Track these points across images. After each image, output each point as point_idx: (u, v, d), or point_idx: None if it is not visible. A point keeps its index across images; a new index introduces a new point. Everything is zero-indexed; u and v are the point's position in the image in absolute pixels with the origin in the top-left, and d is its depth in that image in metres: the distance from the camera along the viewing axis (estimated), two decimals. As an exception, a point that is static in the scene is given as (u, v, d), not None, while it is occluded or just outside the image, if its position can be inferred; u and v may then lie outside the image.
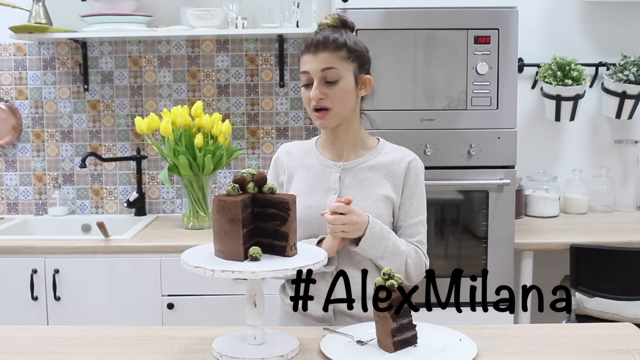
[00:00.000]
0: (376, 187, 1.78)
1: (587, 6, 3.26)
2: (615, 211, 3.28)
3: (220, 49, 3.23)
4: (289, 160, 1.87)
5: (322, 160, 1.83)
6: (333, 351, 1.46)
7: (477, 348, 1.48)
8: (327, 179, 1.80)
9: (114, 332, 1.66)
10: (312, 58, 1.71)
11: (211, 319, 2.65)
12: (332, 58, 1.71)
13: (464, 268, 2.75)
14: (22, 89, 3.26)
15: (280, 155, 1.90)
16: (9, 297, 2.69)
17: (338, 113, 1.75)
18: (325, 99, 1.72)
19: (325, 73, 1.71)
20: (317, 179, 1.81)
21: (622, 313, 2.66)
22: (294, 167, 1.85)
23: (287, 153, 1.89)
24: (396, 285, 1.47)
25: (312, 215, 1.76)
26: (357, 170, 1.80)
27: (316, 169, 1.83)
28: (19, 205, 3.32)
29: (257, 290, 1.50)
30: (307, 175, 1.83)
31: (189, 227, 2.96)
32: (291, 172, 1.85)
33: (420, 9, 2.64)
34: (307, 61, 1.73)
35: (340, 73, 1.72)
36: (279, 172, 1.88)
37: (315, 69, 1.71)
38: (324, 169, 1.82)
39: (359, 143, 1.83)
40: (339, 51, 1.72)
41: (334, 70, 1.71)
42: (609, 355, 1.49)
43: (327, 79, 1.71)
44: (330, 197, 1.77)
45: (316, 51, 1.71)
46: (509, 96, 2.67)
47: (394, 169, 1.80)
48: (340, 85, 1.73)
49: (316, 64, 1.71)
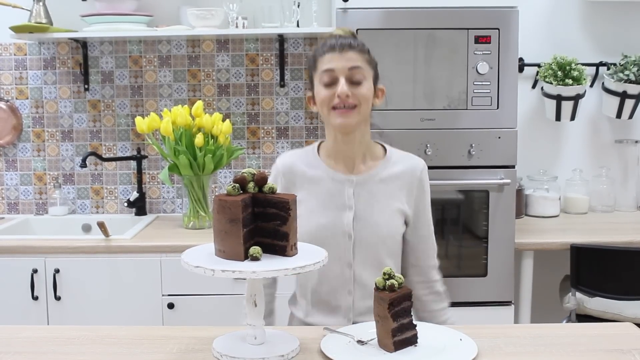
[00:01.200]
0: (391, 200, 1.76)
1: (587, 6, 3.26)
2: (615, 211, 3.28)
3: (221, 49, 3.23)
4: (293, 174, 1.80)
5: (331, 174, 1.77)
6: (333, 351, 1.46)
7: (477, 348, 1.48)
8: (340, 195, 1.76)
9: (114, 332, 1.66)
10: (338, 56, 1.69)
11: (211, 319, 2.65)
12: (360, 58, 1.71)
13: (464, 268, 2.75)
14: (23, 89, 3.26)
15: (280, 168, 1.82)
16: (9, 297, 2.69)
17: (363, 113, 1.72)
18: (352, 97, 1.69)
19: (352, 72, 1.69)
20: (329, 195, 1.76)
21: (622, 313, 2.66)
22: (300, 182, 1.79)
23: (288, 166, 1.81)
24: (396, 285, 1.47)
25: (328, 234, 1.73)
26: (371, 184, 1.76)
27: (327, 184, 1.77)
28: (20, 205, 3.32)
29: (257, 290, 1.50)
30: (318, 191, 1.77)
31: (189, 227, 2.96)
32: (298, 185, 1.79)
33: (420, 9, 2.64)
34: (331, 59, 1.70)
35: (366, 74, 1.72)
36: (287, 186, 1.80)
37: (342, 67, 1.69)
38: (335, 184, 1.76)
39: (367, 153, 1.80)
40: (364, 54, 1.73)
41: (361, 70, 1.70)
42: (609, 355, 1.48)
43: (353, 78, 1.69)
44: (347, 214, 1.74)
45: (342, 50, 1.69)
46: (509, 96, 2.66)
47: (407, 181, 1.78)
48: (365, 86, 1.71)
49: (343, 62, 1.69)
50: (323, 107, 1.72)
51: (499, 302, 2.73)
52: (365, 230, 1.74)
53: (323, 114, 1.74)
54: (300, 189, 1.78)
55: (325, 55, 1.71)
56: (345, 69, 1.69)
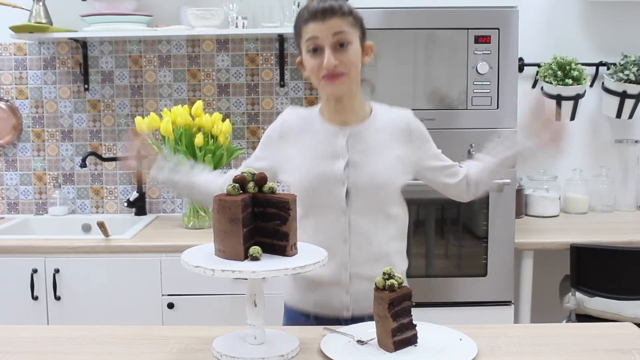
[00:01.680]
0: (388, 148, 1.79)
1: (587, 6, 3.26)
2: (615, 211, 3.27)
3: (221, 49, 3.23)
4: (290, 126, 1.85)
5: (326, 126, 1.81)
6: (333, 351, 1.46)
7: (477, 348, 1.48)
8: (332, 145, 1.79)
9: (114, 332, 1.66)
10: (320, 24, 1.70)
11: (211, 319, 2.65)
12: (342, 23, 1.71)
13: (464, 268, 2.75)
14: (23, 89, 3.26)
15: (285, 116, 1.88)
16: (9, 297, 2.69)
17: (352, 78, 1.75)
18: (339, 65, 1.71)
19: (337, 37, 1.70)
20: (322, 145, 1.80)
21: (622, 313, 2.66)
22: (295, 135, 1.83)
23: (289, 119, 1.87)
24: (396, 285, 1.47)
25: (320, 183, 1.76)
26: (365, 134, 1.80)
27: (320, 135, 1.81)
28: (19, 205, 3.32)
29: (257, 290, 1.50)
30: (311, 141, 1.81)
31: (189, 226, 2.96)
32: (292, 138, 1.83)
33: (420, 9, 2.64)
34: (314, 29, 1.71)
35: (350, 37, 1.73)
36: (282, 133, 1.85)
37: (325, 35, 1.70)
38: (328, 135, 1.80)
39: (360, 110, 1.83)
40: (347, 17, 1.73)
41: (345, 34, 1.71)
42: (609, 355, 1.49)
43: (339, 42, 1.71)
44: (339, 162, 1.77)
45: (324, 18, 1.70)
46: (509, 96, 2.66)
47: (401, 130, 1.82)
48: (352, 49, 1.73)
49: (326, 29, 1.70)
50: (313, 76, 1.76)
51: (499, 302, 2.73)
52: (361, 178, 1.76)
53: (314, 82, 1.78)
54: (294, 142, 1.82)
55: (309, 25, 1.72)
56: (330, 36, 1.70)
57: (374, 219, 1.78)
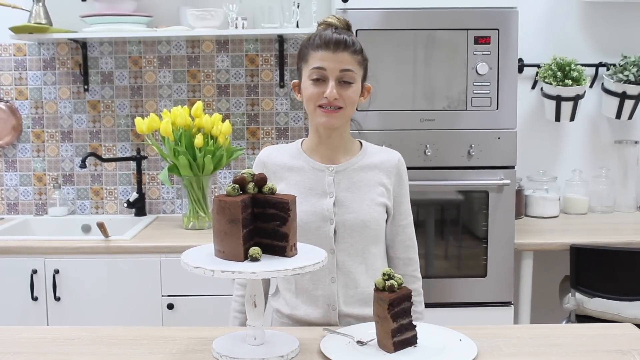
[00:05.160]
0: (371, 187, 1.78)
1: (587, 6, 3.26)
2: (615, 211, 3.28)
3: (221, 50, 3.23)
4: (274, 164, 1.82)
5: (312, 163, 1.80)
6: (333, 351, 1.46)
7: (477, 348, 1.48)
8: (320, 182, 1.78)
9: (114, 332, 1.66)
10: (331, 56, 1.69)
11: (211, 319, 2.65)
12: (352, 60, 1.71)
13: (464, 268, 2.76)
14: (22, 89, 3.26)
15: (263, 158, 1.85)
16: (9, 297, 2.69)
17: (347, 114, 1.75)
18: (339, 99, 1.71)
19: (343, 74, 1.70)
20: (310, 183, 1.78)
21: (622, 313, 2.66)
22: (281, 172, 1.81)
23: (270, 156, 1.84)
24: (396, 286, 1.47)
25: (308, 220, 1.74)
26: (351, 172, 1.79)
27: (307, 173, 1.79)
28: (19, 206, 3.32)
29: (257, 290, 1.50)
30: (298, 179, 1.79)
31: (189, 227, 2.96)
32: (278, 176, 1.81)
33: (420, 9, 2.64)
34: (324, 58, 1.69)
35: (356, 76, 1.73)
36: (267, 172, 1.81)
37: (333, 68, 1.69)
38: (315, 172, 1.79)
39: (348, 146, 1.83)
40: (357, 55, 1.73)
41: (352, 73, 1.71)
42: (609, 356, 1.49)
43: (343, 79, 1.70)
44: (327, 200, 1.76)
45: (336, 50, 1.69)
46: (509, 96, 2.67)
47: (385, 171, 1.81)
48: (353, 88, 1.73)
49: (335, 63, 1.69)
50: (309, 102, 1.74)
51: (499, 303, 2.73)
52: (347, 215, 1.76)
53: (308, 108, 1.76)
54: (280, 179, 1.81)
55: (318, 52, 1.71)
56: (337, 71, 1.70)
57: (361, 261, 1.78)
